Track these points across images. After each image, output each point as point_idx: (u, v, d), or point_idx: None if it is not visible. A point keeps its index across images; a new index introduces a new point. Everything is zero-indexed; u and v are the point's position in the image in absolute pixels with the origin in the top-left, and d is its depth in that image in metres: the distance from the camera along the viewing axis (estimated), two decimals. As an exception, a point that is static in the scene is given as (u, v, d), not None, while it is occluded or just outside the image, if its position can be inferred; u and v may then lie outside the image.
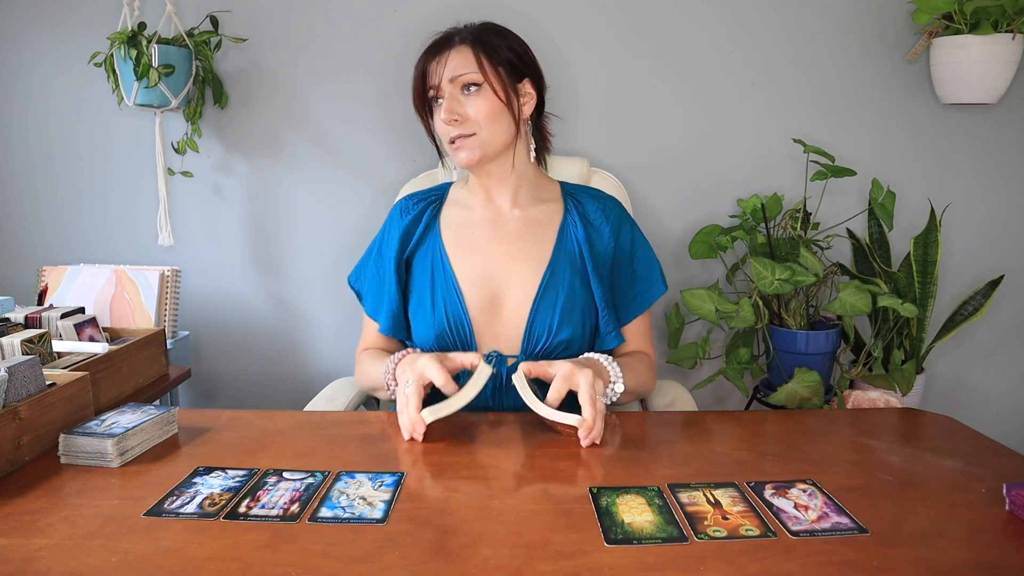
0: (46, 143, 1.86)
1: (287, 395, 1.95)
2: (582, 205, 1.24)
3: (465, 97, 1.14)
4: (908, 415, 1.12)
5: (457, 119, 1.13)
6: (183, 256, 1.87)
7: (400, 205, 1.28)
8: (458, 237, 1.22)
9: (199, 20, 1.70)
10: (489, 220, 1.22)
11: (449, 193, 1.29)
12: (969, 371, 1.89)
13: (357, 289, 1.33)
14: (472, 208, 1.24)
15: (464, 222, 1.24)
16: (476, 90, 1.13)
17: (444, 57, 1.14)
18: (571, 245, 1.21)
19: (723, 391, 1.91)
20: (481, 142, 1.15)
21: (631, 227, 1.26)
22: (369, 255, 1.32)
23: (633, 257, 1.25)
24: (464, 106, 1.14)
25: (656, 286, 1.26)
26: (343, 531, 0.75)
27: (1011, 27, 1.54)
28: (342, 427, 1.05)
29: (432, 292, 1.19)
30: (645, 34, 1.74)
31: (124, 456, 0.91)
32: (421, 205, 1.27)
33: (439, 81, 1.14)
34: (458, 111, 1.13)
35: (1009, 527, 0.76)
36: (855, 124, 1.76)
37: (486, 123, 1.14)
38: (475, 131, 1.14)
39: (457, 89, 1.14)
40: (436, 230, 1.24)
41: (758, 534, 0.74)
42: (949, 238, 1.79)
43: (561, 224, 1.22)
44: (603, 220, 1.23)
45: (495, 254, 1.20)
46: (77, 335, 1.28)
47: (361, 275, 1.33)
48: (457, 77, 1.13)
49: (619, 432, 1.02)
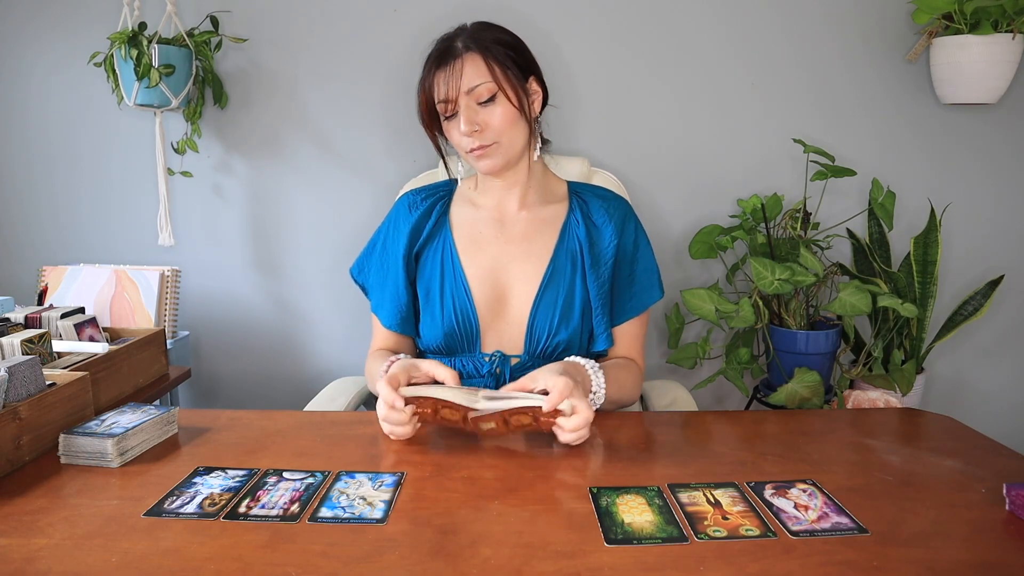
0: (46, 143, 1.86)
1: (287, 395, 1.95)
2: (587, 205, 1.24)
3: (481, 107, 1.13)
4: (908, 415, 1.12)
5: (477, 129, 1.12)
6: (183, 256, 1.87)
7: (408, 200, 1.28)
8: (467, 235, 1.23)
9: (199, 20, 1.70)
10: (496, 220, 1.23)
11: (458, 190, 1.29)
12: (969, 371, 1.89)
13: (361, 282, 1.33)
14: (480, 207, 1.25)
15: (472, 220, 1.24)
16: (490, 100, 1.12)
17: (455, 69, 1.12)
18: (572, 243, 1.21)
19: (723, 391, 1.91)
20: (503, 150, 1.15)
21: (636, 228, 1.25)
22: (372, 248, 1.31)
23: (635, 259, 1.24)
24: (480, 115, 1.12)
25: (653, 291, 1.25)
26: (343, 531, 0.75)
27: (1011, 27, 1.54)
28: (342, 427, 1.05)
29: (441, 289, 1.19)
30: (645, 34, 1.74)
31: (124, 456, 0.91)
32: (429, 201, 1.26)
33: (455, 95, 1.12)
34: (476, 121, 1.12)
35: (1009, 527, 0.76)
36: (855, 124, 1.76)
37: (506, 130, 1.14)
38: (496, 140, 1.13)
39: (473, 100, 1.12)
40: (447, 227, 1.24)
41: (758, 534, 0.74)
42: (949, 238, 1.79)
43: (564, 223, 1.23)
44: (606, 220, 1.22)
45: (501, 252, 1.20)
46: (77, 335, 1.28)
47: (364, 267, 1.32)
48: (473, 89, 1.11)
49: (619, 432, 1.02)
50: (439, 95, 1.14)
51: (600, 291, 1.19)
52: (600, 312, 1.19)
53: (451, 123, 1.15)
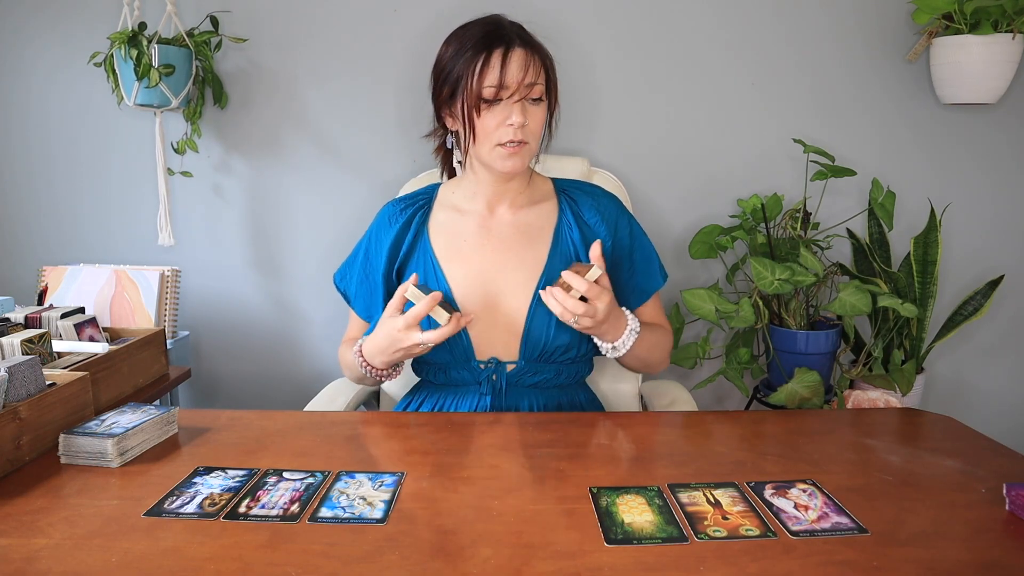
0: (46, 143, 1.86)
1: (287, 395, 1.95)
2: (576, 204, 1.22)
3: (530, 103, 1.11)
4: (908, 415, 1.12)
5: (527, 124, 1.10)
6: (183, 256, 1.87)
7: (387, 211, 1.25)
8: (448, 243, 1.20)
9: (199, 20, 1.70)
10: (479, 225, 1.20)
11: (438, 195, 1.26)
12: (969, 371, 1.89)
13: (343, 290, 1.31)
14: (466, 212, 1.22)
15: (454, 228, 1.21)
16: (538, 100, 1.11)
17: (519, 57, 1.08)
18: (567, 248, 1.19)
19: (723, 391, 1.91)
20: (531, 152, 1.14)
21: (629, 222, 1.24)
22: (355, 257, 1.29)
23: (632, 252, 1.23)
24: (528, 111, 1.10)
25: (655, 279, 1.25)
26: (343, 531, 0.75)
27: (1011, 27, 1.54)
28: (342, 427, 1.05)
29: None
30: (645, 34, 1.74)
31: (124, 456, 0.91)
32: (409, 212, 1.23)
33: (516, 82, 1.08)
34: (527, 116, 1.10)
35: (1009, 527, 0.76)
36: (855, 124, 1.76)
37: (538, 135, 1.13)
38: (529, 140, 1.12)
39: (525, 94, 1.09)
40: (425, 237, 1.21)
41: (758, 534, 0.74)
42: (949, 238, 1.79)
43: (556, 227, 1.20)
44: (599, 220, 1.20)
45: (487, 261, 1.18)
46: (77, 335, 1.28)
47: (347, 276, 1.30)
48: (532, 85, 1.09)
49: (619, 432, 1.03)
50: (492, 78, 1.07)
51: None
52: None
53: (495, 108, 1.09)
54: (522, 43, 1.10)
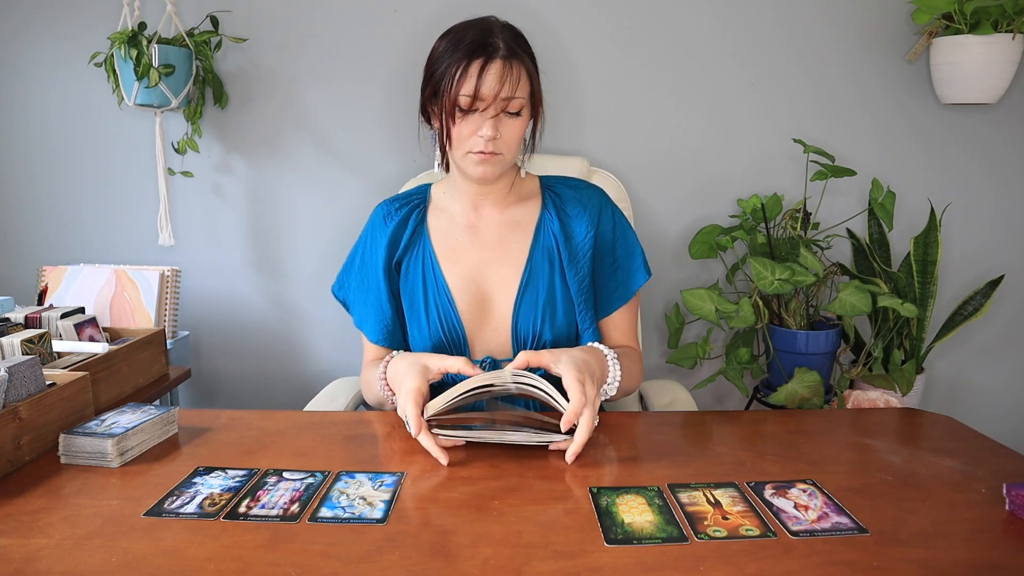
0: (46, 143, 1.86)
1: (287, 395, 1.95)
2: (560, 198, 1.21)
3: (506, 116, 1.09)
4: (908, 415, 1.12)
5: (498, 137, 1.08)
6: (183, 256, 1.87)
7: (382, 210, 1.25)
8: (445, 243, 1.20)
9: (199, 20, 1.70)
10: (469, 225, 1.20)
11: (431, 196, 1.26)
12: (969, 371, 1.89)
13: (342, 299, 1.30)
14: (454, 213, 1.22)
15: (448, 228, 1.21)
16: (516, 114, 1.09)
17: (500, 70, 1.06)
18: (548, 240, 1.18)
19: (723, 391, 1.91)
20: (504, 163, 1.12)
21: (612, 213, 1.22)
22: (351, 263, 1.28)
23: (615, 245, 1.21)
24: (503, 124, 1.09)
25: (638, 274, 1.22)
26: (343, 531, 0.75)
27: (1011, 27, 1.54)
28: (342, 427, 1.05)
29: (425, 299, 1.17)
30: (645, 34, 1.74)
31: (124, 456, 0.91)
32: (404, 210, 1.23)
33: (492, 96, 1.05)
34: (500, 129, 1.08)
35: (1009, 527, 0.76)
36: (855, 124, 1.76)
37: (513, 146, 1.11)
38: (503, 151, 1.10)
39: (501, 107, 1.08)
40: (425, 235, 1.21)
41: (758, 534, 0.74)
42: (949, 238, 1.79)
43: (538, 221, 1.20)
44: (581, 210, 1.19)
45: (478, 259, 1.18)
46: (77, 335, 1.28)
47: (345, 284, 1.29)
48: (510, 99, 1.07)
49: (619, 432, 1.02)
50: (468, 87, 1.06)
51: (580, 286, 1.16)
52: (583, 307, 1.17)
53: (468, 119, 1.08)
54: (507, 54, 1.07)
